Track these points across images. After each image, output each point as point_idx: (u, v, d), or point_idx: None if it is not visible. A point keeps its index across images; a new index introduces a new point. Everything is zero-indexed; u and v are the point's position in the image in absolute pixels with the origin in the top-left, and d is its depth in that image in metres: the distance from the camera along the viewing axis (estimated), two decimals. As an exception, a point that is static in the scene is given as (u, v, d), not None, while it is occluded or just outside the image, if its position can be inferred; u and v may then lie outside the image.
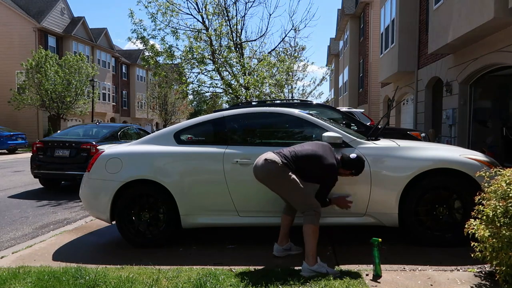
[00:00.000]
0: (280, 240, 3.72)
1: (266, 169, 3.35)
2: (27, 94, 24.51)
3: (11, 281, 3.14)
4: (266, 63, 12.09)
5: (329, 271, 3.17)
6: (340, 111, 7.70)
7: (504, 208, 2.69)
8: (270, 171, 3.33)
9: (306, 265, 3.21)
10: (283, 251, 3.71)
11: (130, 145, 4.46)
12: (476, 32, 8.51)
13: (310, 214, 3.29)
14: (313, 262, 3.20)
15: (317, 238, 3.28)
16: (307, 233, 3.26)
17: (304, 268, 3.21)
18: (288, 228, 3.71)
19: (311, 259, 3.21)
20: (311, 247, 3.23)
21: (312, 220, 3.28)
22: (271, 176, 3.36)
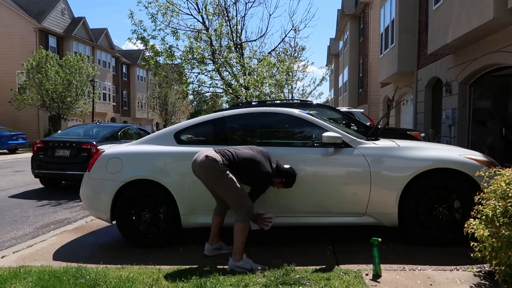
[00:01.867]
0: (211, 239, 3.77)
1: (206, 165, 3.42)
2: (28, 94, 24.54)
3: (12, 280, 3.14)
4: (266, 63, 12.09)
5: (253, 267, 3.32)
6: (340, 111, 7.71)
7: (504, 208, 2.69)
8: (209, 168, 3.41)
9: (232, 261, 3.37)
10: (214, 250, 3.76)
11: (131, 145, 4.47)
12: (476, 32, 8.51)
13: (243, 213, 3.40)
14: (239, 259, 3.36)
15: (246, 236, 3.41)
16: (237, 230, 3.39)
17: (230, 264, 3.37)
18: (218, 228, 3.77)
19: (238, 255, 3.37)
20: (239, 244, 3.37)
21: (244, 219, 3.40)
22: (210, 173, 3.45)
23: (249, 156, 3.51)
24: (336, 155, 3.96)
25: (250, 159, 3.50)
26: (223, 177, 3.39)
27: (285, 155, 4.04)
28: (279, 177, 3.65)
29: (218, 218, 3.77)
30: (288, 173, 3.67)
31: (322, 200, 3.96)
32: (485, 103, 11.04)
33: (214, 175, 3.42)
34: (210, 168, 3.40)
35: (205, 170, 3.45)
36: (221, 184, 3.46)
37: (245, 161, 3.49)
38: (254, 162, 3.50)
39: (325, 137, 3.84)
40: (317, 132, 4.13)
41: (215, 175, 3.41)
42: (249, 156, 3.51)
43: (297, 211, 4.01)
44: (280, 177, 3.65)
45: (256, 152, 3.59)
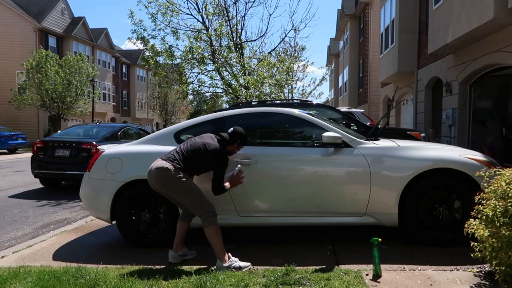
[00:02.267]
0: (175, 246, 3.72)
1: (160, 177, 3.44)
2: (28, 94, 24.54)
3: (12, 280, 3.14)
4: (266, 63, 12.09)
5: (241, 265, 3.36)
6: (340, 111, 7.70)
7: (504, 208, 2.69)
8: (164, 179, 3.43)
9: (220, 263, 3.37)
10: (179, 257, 3.72)
11: (131, 145, 4.47)
12: (476, 32, 8.51)
13: (208, 216, 3.42)
14: (225, 260, 3.37)
15: (221, 236, 3.42)
16: (210, 235, 3.40)
17: (218, 266, 3.38)
18: (184, 235, 3.74)
19: (222, 256, 3.38)
20: (219, 246, 3.39)
21: (211, 221, 3.41)
22: (166, 184, 3.46)
23: (192, 148, 3.53)
24: (336, 155, 3.96)
25: (194, 149, 3.52)
26: (178, 184, 3.42)
27: (285, 155, 4.05)
28: (232, 143, 3.68)
29: (184, 224, 3.74)
30: (235, 133, 3.68)
31: (322, 200, 3.96)
32: (485, 103, 11.04)
33: (170, 184, 3.44)
34: (164, 179, 3.43)
35: (161, 182, 3.46)
36: (178, 192, 3.48)
37: (191, 152, 3.51)
38: (198, 148, 3.53)
39: (325, 137, 3.83)
40: (317, 132, 4.13)
41: (170, 184, 3.43)
42: (192, 148, 3.53)
43: (297, 211, 4.01)
44: (233, 142, 3.68)
45: (195, 140, 3.62)
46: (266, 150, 4.10)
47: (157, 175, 3.44)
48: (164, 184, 3.46)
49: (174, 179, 3.40)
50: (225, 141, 3.66)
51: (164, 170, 3.40)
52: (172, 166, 3.41)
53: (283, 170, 4.02)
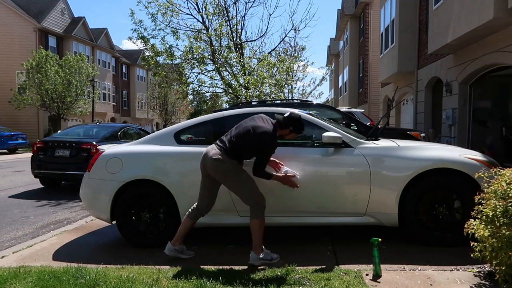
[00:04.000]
0: (175, 240, 3.70)
1: (216, 167, 3.46)
2: (28, 94, 24.54)
3: (12, 280, 3.14)
4: (266, 63, 12.09)
5: (273, 257, 3.47)
6: (340, 111, 7.70)
7: (504, 208, 2.69)
8: (219, 169, 3.47)
9: (255, 254, 3.44)
10: (174, 251, 3.69)
11: (130, 145, 4.47)
12: (476, 32, 8.51)
13: (257, 209, 3.46)
14: (260, 252, 3.44)
15: (263, 230, 3.49)
16: (255, 227, 3.46)
17: (252, 257, 3.44)
18: (186, 231, 3.72)
19: (259, 249, 3.45)
20: (259, 239, 3.46)
21: (259, 214, 3.46)
22: (222, 174, 3.50)
23: (243, 131, 3.49)
24: (336, 155, 3.96)
25: (244, 133, 3.48)
26: (232, 176, 3.48)
27: (285, 155, 4.04)
28: (284, 128, 3.58)
29: (190, 222, 3.71)
30: (290, 118, 3.57)
31: (322, 200, 3.96)
32: (485, 103, 11.04)
33: (225, 175, 3.49)
34: (218, 169, 3.46)
35: (215, 172, 3.50)
36: (233, 183, 3.53)
37: (241, 137, 3.47)
38: (247, 131, 3.47)
39: (325, 137, 3.84)
40: (317, 132, 4.13)
41: (226, 174, 3.48)
42: (243, 131, 3.49)
43: (297, 211, 4.01)
44: (286, 127, 3.57)
45: (248, 121, 3.58)
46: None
47: (212, 165, 3.46)
48: (218, 174, 3.50)
49: (229, 171, 3.45)
50: (277, 124, 3.56)
51: (220, 162, 3.42)
52: (226, 157, 3.43)
53: (283, 170, 4.01)
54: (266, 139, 3.45)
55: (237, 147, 3.47)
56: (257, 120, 3.58)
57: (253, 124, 3.52)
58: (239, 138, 3.49)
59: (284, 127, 3.59)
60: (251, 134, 3.45)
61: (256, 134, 3.44)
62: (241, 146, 3.48)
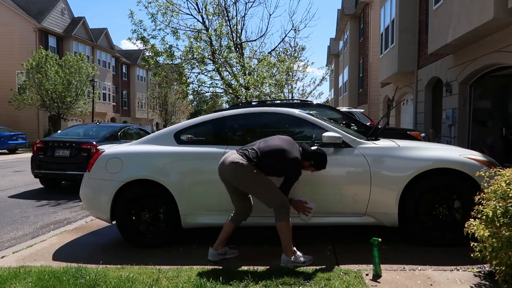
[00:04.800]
0: (216, 244, 3.68)
1: (235, 172, 3.41)
2: (28, 94, 24.53)
3: (12, 280, 3.14)
4: (266, 63, 12.09)
5: (306, 260, 3.41)
6: (340, 111, 7.70)
7: (504, 208, 2.69)
8: (239, 174, 3.41)
9: (286, 257, 3.40)
10: (218, 255, 3.69)
11: (130, 145, 4.47)
12: (476, 32, 8.51)
13: (281, 212, 3.40)
14: (292, 254, 3.40)
15: (291, 231, 3.42)
16: (281, 230, 3.40)
17: (284, 260, 3.40)
18: (228, 234, 3.69)
19: (290, 251, 3.40)
20: (288, 241, 3.40)
21: (284, 216, 3.40)
22: (241, 179, 3.44)
23: (273, 148, 3.47)
24: (336, 155, 3.95)
25: (275, 150, 3.45)
26: (254, 180, 3.42)
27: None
28: (307, 160, 3.56)
29: (232, 225, 3.67)
30: (316, 154, 3.57)
31: (322, 200, 3.95)
32: (485, 103, 11.03)
33: (244, 179, 3.43)
34: (238, 174, 3.41)
35: (233, 177, 3.45)
36: (253, 187, 3.48)
37: (270, 153, 3.44)
38: (280, 151, 3.45)
39: (325, 137, 3.83)
40: (317, 132, 4.13)
41: (245, 179, 3.42)
42: (273, 148, 3.47)
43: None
44: (308, 159, 3.56)
45: (279, 141, 3.54)
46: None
47: (232, 169, 3.41)
48: (236, 179, 3.45)
49: (249, 176, 3.39)
50: (302, 154, 3.54)
51: (239, 166, 3.38)
52: (246, 161, 3.39)
53: (283, 170, 4.01)
54: (293, 166, 3.46)
55: (261, 160, 3.43)
56: (286, 142, 3.54)
57: (282, 146, 3.48)
58: (266, 154, 3.44)
59: (306, 158, 3.56)
60: (279, 156, 3.44)
61: (287, 159, 3.42)
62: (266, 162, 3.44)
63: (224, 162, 3.49)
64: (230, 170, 3.44)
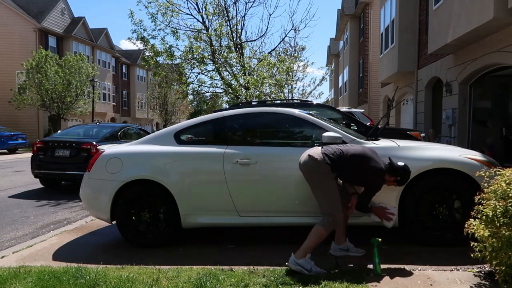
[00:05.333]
0: (337, 238, 3.64)
1: (307, 165, 3.39)
2: (28, 94, 24.54)
3: (12, 280, 3.14)
4: (266, 63, 12.09)
5: (314, 269, 3.21)
6: (340, 111, 7.70)
7: (504, 208, 2.69)
8: (310, 168, 3.38)
9: (294, 257, 3.26)
10: (340, 250, 3.63)
11: (130, 145, 4.47)
12: (476, 32, 8.51)
13: (328, 221, 3.31)
14: (302, 256, 3.25)
15: (320, 241, 3.31)
16: (315, 232, 3.30)
17: (291, 259, 3.26)
18: (343, 225, 3.63)
19: (302, 253, 3.26)
20: (309, 244, 3.28)
21: (327, 225, 3.30)
22: (309, 173, 3.42)
23: (357, 153, 3.40)
24: (336, 155, 3.94)
25: (360, 155, 3.38)
26: (320, 178, 3.35)
27: (285, 155, 4.04)
28: (393, 175, 3.45)
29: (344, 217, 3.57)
30: (404, 170, 3.45)
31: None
32: (485, 103, 11.03)
33: (311, 175, 3.40)
34: (309, 168, 3.38)
35: (305, 169, 3.43)
36: (316, 185, 3.40)
37: (353, 158, 3.36)
38: (365, 158, 3.37)
39: (325, 137, 3.83)
40: (317, 132, 4.13)
41: (312, 176, 3.39)
42: (357, 153, 3.40)
43: (298, 211, 4.00)
44: (395, 175, 3.45)
45: (366, 150, 3.48)
46: (266, 150, 4.10)
47: (305, 162, 3.39)
48: (306, 172, 3.43)
49: (317, 172, 3.34)
50: (388, 168, 3.45)
51: (313, 160, 3.34)
52: (322, 158, 3.32)
53: (283, 170, 4.01)
54: (376, 177, 3.39)
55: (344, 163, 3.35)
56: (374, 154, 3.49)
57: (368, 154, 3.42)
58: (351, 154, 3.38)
59: (393, 174, 3.46)
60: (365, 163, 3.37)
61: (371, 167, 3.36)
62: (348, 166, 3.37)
63: (303, 155, 3.46)
64: (303, 163, 3.41)
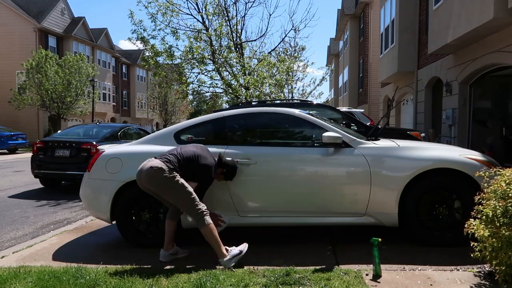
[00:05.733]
0: (166, 245, 3.72)
1: (153, 177, 3.43)
2: (28, 94, 24.53)
3: (12, 280, 3.14)
4: (266, 63, 12.09)
5: (241, 249, 3.48)
6: (340, 111, 7.70)
7: (504, 208, 2.69)
8: (156, 179, 3.43)
9: (223, 260, 3.41)
10: (170, 255, 3.72)
11: (130, 145, 4.47)
12: (476, 32, 8.51)
13: (201, 217, 3.43)
14: (225, 253, 3.42)
15: (217, 233, 3.47)
16: (207, 235, 3.44)
17: (222, 262, 3.40)
18: (173, 233, 3.74)
19: (222, 253, 3.42)
20: (217, 244, 3.43)
21: (205, 221, 3.43)
22: (158, 184, 3.46)
23: (190, 154, 3.60)
24: (336, 155, 3.95)
25: (192, 156, 3.59)
26: (172, 184, 3.42)
27: (285, 155, 4.04)
28: (220, 167, 3.75)
29: (172, 223, 3.73)
30: (229, 165, 3.77)
31: (322, 200, 3.96)
32: (485, 103, 11.03)
33: (162, 184, 3.44)
34: (157, 178, 3.42)
35: (152, 180, 3.45)
36: (171, 193, 3.48)
37: (188, 159, 3.56)
38: (195, 156, 3.59)
39: (325, 137, 3.83)
40: (317, 132, 4.13)
41: (163, 184, 3.43)
42: (190, 154, 3.60)
43: (298, 211, 4.00)
44: (221, 167, 3.75)
45: (194, 148, 3.70)
46: (266, 150, 4.10)
47: (149, 174, 3.43)
48: (155, 183, 3.46)
49: (167, 179, 3.41)
50: (217, 162, 3.74)
51: (157, 170, 3.40)
52: (166, 166, 3.43)
53: (283, 170, 4.01)
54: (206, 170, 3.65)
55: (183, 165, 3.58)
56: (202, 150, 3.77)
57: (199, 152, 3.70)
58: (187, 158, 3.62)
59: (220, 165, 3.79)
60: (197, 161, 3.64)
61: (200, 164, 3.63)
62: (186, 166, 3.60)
63: (143, 168, 3.50)
64: (147, 175, 3.44)
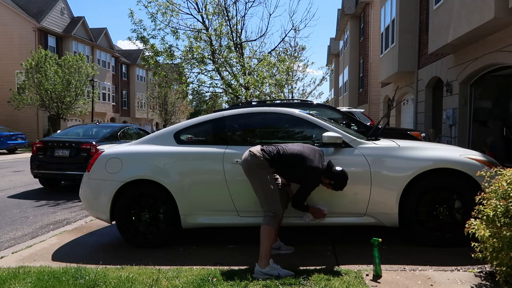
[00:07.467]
0: None
1: (247, 161, 3.42)
2: (27, 94, 24.52)
3: (11, 281, 3.13)
4: (266, 63, 12.08)
5: (281, 273, 3.15)
6: (340, 111, 7.69)
7: (505, 208, 2.68)
8: (248, 164, 3.41)
9: (258, 267, 3.21)
10: (272, 249, 3.63)
11: (130, 145, 4.46)
12: (476, 32, 8.50)
13: (269, 215, 3.33)
14: (265, 265, 3.19)
15: (272, 239, 3.32)
16: (262, 233, 3.30)
17: (256, 271, 3.20)
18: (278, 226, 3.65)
19: (263, 261, 3.21)
20: (265, 249, 3.24)
21: (269, 221, 3.31)
22: (248, 169, 3.44)
23: (295, 152, 3.43)
24: (336, 155, 3.94)
25: (297, 154, 3.41)
26: (258, 173, 3.37)
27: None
28: (327, 178, 3.48)
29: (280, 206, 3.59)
30: (339, 175, 3.46)
31: (322, 200, 3.94)
32: (485, 103, 11.03)
33: (251, 170, 3.41)
34: (248, 164, 3.40)
35: (244, 165, 3.45)
36: (255, 180, 3.42)
37: (291, 156, 3.40)
38: (302, 156, 3.39)
39: (325, 137, 3.82)
40: (317, 132, 4.12)
41: (252, 170, 3.40)
42: (295, 152, 3.43)
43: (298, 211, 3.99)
44: (329, 178, 3.48)
45: (303, 148, 3.49)
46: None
47: (245, 159, 3.42)
48: (246, 168, 3.44)
49: (255, 167, 3.36)
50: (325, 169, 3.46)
51: (252, 156, 3.37)
52: (261, 154, 3.37)
53: (283, 170, 4.00)
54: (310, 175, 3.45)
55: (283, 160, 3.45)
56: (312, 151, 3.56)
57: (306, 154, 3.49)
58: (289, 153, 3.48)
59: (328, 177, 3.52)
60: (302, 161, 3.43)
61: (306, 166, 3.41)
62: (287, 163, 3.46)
63: (245, 153, 3.49)
64: (244, 160, 3.44)
